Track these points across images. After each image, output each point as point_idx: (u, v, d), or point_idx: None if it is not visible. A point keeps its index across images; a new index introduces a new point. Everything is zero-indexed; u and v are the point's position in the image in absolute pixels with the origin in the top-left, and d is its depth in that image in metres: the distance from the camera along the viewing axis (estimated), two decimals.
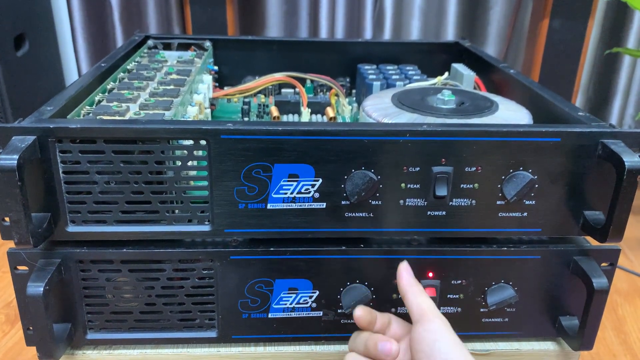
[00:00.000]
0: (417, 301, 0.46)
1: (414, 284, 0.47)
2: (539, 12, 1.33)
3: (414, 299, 0.46)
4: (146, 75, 0.63)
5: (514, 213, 0.49)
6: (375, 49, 0.84)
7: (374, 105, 0.58)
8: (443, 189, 0.47)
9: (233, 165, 0.46)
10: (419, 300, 0.46)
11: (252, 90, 0.73)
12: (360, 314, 0.48)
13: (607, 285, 0.49)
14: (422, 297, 0.46)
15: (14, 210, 0.42)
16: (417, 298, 0.46)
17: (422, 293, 0.46)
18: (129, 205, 0.47)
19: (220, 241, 0.50)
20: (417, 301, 0.46)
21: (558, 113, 0.55)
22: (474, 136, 0.46)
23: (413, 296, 0.46)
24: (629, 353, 0.85)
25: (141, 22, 1.38)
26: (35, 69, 1.30)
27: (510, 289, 0.52)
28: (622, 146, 0.46)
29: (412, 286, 0.47)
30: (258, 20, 1.44)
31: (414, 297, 0.46)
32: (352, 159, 0.46)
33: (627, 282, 1.03)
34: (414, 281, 0.48)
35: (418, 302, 0.45)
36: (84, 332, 0.51)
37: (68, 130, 0.44)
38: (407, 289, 0.47)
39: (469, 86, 0.72)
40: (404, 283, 0.47)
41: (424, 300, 0.46)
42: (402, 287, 0.47)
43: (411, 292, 0.46)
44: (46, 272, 0.47)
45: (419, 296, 0.46)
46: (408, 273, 0.48)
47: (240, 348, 0.53)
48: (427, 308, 0.45)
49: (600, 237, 0.48)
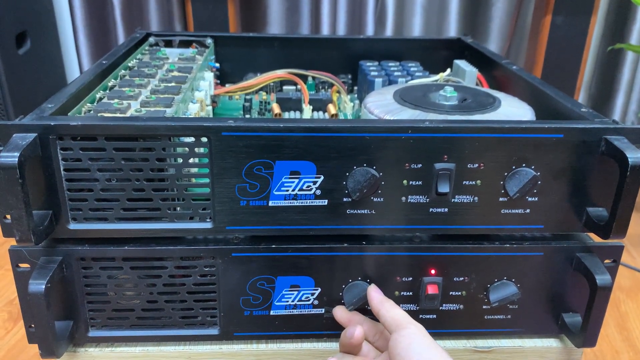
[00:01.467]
0: (390, 314, 0.47)
1: (384, 301, 0.49)
2: (542, 8, 1.33)
3: (386, 312, 0.47)
4: (147, 73, 0.63)
5: (516, 210, 0.49)
6: (377, 46, 0.84)
7: (376, 102, 0.58)
8: (445, 186, 0.47)
9: (234, 163, 0.46)
10: (391, 314, 0.47)
11: (253, 87, 0.73)
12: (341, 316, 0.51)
13: (610, 282, 0.49)
14: (394, 310, 0.48)
15: (15, 208, 0.42)
16: (390, 312, 0.47)
17: (394, 306, 0.48)
18: (130, 203, 0.47)
19: (222, 238, 0.50)
20: (389, 314, 0.47)
21: (561, 109, 0.54)
22: (476, 133, 0.46)
23: (385, 311, 0.48)
24: (631, 349, 0.85)
25: (142, 19, 1.38)
26: (37, 66, 1.30)
27: (513, 286, 0.52)
28: (626, 142, 0.46)
29: (383, 303, 0.49)
30: (259, 17, 1.43)
31: (386, 311, 0.48)
32: (353, 155, 0.46)
33: (630, 278, 1.03)
34: (384, 298, 0.49)
35: (391, 315, 0.47)
36: (85, 330, 0.51)
37: (69, 127, 0.43)
38: (379, 307, 0.48)
39: (471, 82, 0.71)
40: (375, 302, 0.49)
41: (397, 312, 0.47)
42: (375, 306, 0.49)
43: (384, 308, 0.48)
44: (48, 269, 0.47)
45: (391, 310, 0.48)
46: (377, 292, 0.50)
47: (242, 345, 0.53)
48: (400, 318, 0.46)
49: (603, 233, 0.48)
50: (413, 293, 0.52)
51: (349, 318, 0.51)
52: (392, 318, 0.47)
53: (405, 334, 0.45)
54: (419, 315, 0.53)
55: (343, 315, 0.51)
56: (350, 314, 0.51)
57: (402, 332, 0.45)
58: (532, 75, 0.65)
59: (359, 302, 0.51)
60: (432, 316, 0.54)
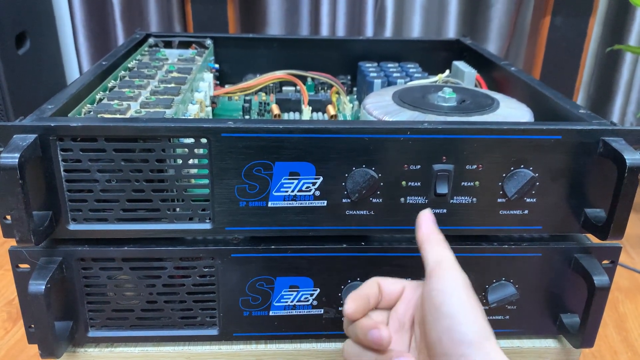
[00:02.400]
0: (434, 251, 0.39)
1: (434, 232, 0.40)
2: (541, 9, 1.33)
3: (430, 248, 0.39)
4: (147, 74, 0.63)
5: (514, 211, 0.49)
6: (376, 47, 0.84)
7: (375, 103, 0.58)
8: (444, 187, 0.47)
9: (234, 163, 0.46)
10: (435, 250, 0.39)
11: (253, 88, 0.73)
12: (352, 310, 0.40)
13: (608, 283, 0.49)
14: (439, 247, 0.39)
15: (15, 209, 0.42)
16: (434, 247, 0.39)
17: (442, 243, 0.40)
18: (130, 204, 0.47)
19: (221, 239, 0.50)
20: (433, 251, 0.39)
21: (559, 110, 0.55)
22: (474, 134, 0.46)
23: (430, 246, 0.39)
24: (630, 350, 0.85)
25: (142, 20, 1.38)
26: (37, 67, 1.30)
27: (511, 287, 0.52)
28: (623, 144, 0.46)
29: (431, 234, 0.40)
30: (259, 18, 1.44)
31: (430, 246, 0.39)
32: (353, 156, 0.46)
33: (629, 279, 1.03)
34: (435, 229, 0.41)
35: (434, 251, 0.39)
36: (85, 330, 0.51)
37: (69, 128, 0.44)
38: (424, 239, 0.40)
39: (470, 84, 0.72)
40: (422, 232, 0.40)
41: (441, 251, 0.39)
42: (420, 237, 0.40)
43: (428, 242, 0.39)
44: (48, 270, 0.47)
45: (436, 245, 0.39)
46: (429, 221, 0.41)
47: (241, 346, 0.54)
48: (443, 259, 0.38)
49: (601, 234, 0.48)
50: None
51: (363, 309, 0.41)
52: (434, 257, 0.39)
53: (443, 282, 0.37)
54: None
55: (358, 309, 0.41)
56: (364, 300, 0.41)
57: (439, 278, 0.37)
58: (530, 77, 0.65)
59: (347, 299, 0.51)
60: None
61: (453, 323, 0.35)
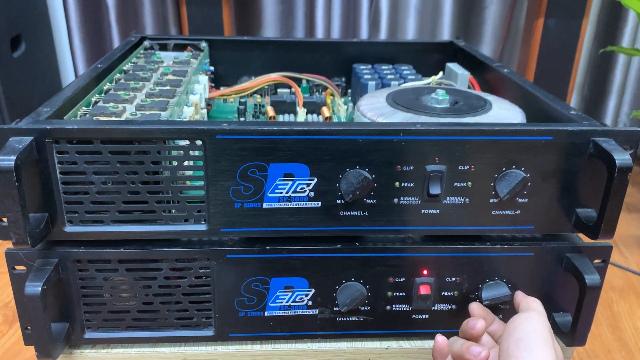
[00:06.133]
0: (527, 299, 0.48)
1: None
2: (534, 11, 1.34)
3: (523, 297, 0.49)
4: (142, 76, 0.63)
5: (507, 211, 0.50)
6: (371, 49, 0.85)
7: (369, 104, 0.59)
8: (437, 188, 0.48)
9: (229, 165, 0.46)
10: (528, 299, 0.48)
11: (248, 90, 0.73)
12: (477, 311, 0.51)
13: (600, 282, 0.50)
14: (529, 298, 0.49)
15: (11, 211, 0.42)
16: (527, 298, 0.49)
17: (533, 298, 0.49)
18: (125, 205, 0.47)
19: (217, 240, 0.50)
20: (526, 299, 0.48)
21: (551, 112, 0.55)
22: (467, 135, 0.47)
23: (522, 296, 0.50)
24: (624, 349, 0.86)
25: (137, 22, 1.38)
26: (32, 70, 1.30)
27: (505, 287, 0.53)
28: (613, 144, 0.46)
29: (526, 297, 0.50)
30: (254, 21, 1.44)
31: (523, 297, 0.50)
32: (346, 158, 0.47)
33: (622, 279, 1.04)
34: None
35: (527, 300, 0.48)
36: (81, 331, 0.52)
37: (65, 131, 0.44)
38: (520, 295, 0.51)
39: (463, 85, 0.72)
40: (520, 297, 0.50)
41: (534, 301, 0.48)
42: (517, 295, 0.51)
43: (524, 297, 0.50)
44: (44, 271, 0.47)
45: (526, 297, 0.49)
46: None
47: (237, 346, 0.54)
48: (534, 306, 0.47)
49: (592, 234, 0.48)
50: (405, 293, 0.53)
51: (484, 316, 0.51)
52: (528, 303, 0.48)
53: (529, 318, 0.45)
54: (411, 316, 0.54)
55: (479, 312, 0.51)
56: (485, 310, 0.52)
57: (527, 315, 0.45)
58: (522, 78, 0.65)
59: (353, 303, 0.51)
60: (425, 316, 0.54)
61: None
